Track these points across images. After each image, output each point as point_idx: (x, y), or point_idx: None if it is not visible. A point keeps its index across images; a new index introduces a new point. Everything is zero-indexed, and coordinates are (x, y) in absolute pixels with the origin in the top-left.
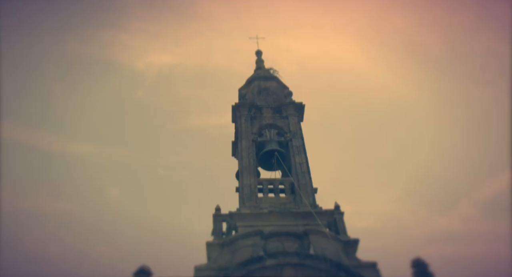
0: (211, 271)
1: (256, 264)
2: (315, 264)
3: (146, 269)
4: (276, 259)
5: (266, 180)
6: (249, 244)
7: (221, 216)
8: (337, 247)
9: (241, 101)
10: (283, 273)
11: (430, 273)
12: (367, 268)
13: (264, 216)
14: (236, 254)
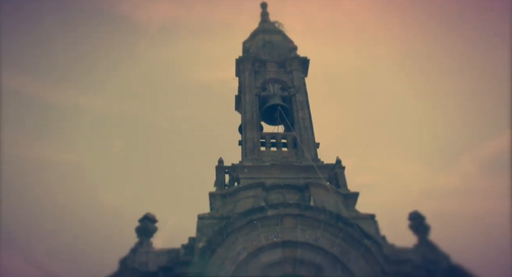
0: (214, 219)
1: (257, 214)
2: (315, 215)
3: (151, 216)
4: (277, 209)
5: (269, 134)
6: (250, 195)
7: (223, 168)
8: (337, 200)
9: (245, 55)
10: (283, 223)
11: (427, 226)
12: (366, 219)
13: (266, 169)
14: (238, 204)
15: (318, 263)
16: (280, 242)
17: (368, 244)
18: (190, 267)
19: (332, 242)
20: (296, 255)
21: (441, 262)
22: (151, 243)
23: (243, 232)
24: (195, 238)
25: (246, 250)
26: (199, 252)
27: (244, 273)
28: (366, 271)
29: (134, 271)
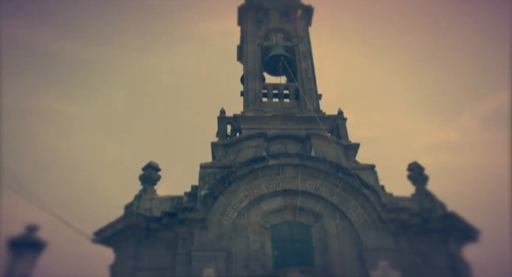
0: (216, 168)
1: (258, 163)
2: (315, 165)
3: (154, 164)
4: (278, 159)
5: (271, 85)
6: (252, 145)
7: (225, 118)
8: (337, 151)
9: (248, 2)
10: (284, 172)
11: (425, 176)
12: (365, 170)
13: (268, 120)
14: (239, 154)
15: (318, 211)
16: (281, 191)
17: (367, 193)
18: (193, 213)
19: (331, 191)
20: (296, 203)
21: (437, 210)
22: (154, 191)
23: (244, 180)
24: (198, 186)
25: (247, 198)
26: (201, 199)
27: (246, 220)
28: (364, 218)
29: (138, 216)
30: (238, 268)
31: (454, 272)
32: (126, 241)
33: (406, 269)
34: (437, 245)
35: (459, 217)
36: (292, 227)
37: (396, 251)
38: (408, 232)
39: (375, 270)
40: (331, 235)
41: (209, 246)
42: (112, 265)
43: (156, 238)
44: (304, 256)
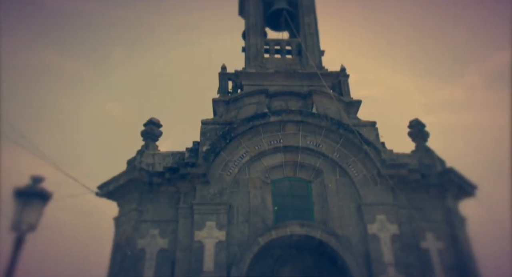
0: (217, 124)
1: (260, 120)
2: (316, 122)
3: (155, 120)
4: (279, 116)
5: (273, 41)
6: (253, 102)
7: (226, 74)
8: (339, 107)
9: None
10: (285, 129)
11: (426, 132)
12: (366, 126)
13: (270, 76)
14: (241, 110)
15: (318, 167)
16: (282, 147)
17: (367, 149)
18: (195, 168)
19: (332, 147)
20: (297, 159)
21: (436, 166)
22: (156, 146)
23: (246, 137)
24: (199, 142)
25: (248, 154)
26: (203, 155)
27: (247, 175)
28: (363, 174)
29: (141, 170)
30: (239, 222)
31: (450, 226)
32: (129, 195)
33: (403, 223)
34: (435, 200)
35: (457, 173)
36: (292, 182)
37: (394, 205)
38: (406, 187)
39: (373, 223)
40: (331, 190)
41: (210, 200)
42: (117, 218)
43: (159, 192)
44: (304, 210)
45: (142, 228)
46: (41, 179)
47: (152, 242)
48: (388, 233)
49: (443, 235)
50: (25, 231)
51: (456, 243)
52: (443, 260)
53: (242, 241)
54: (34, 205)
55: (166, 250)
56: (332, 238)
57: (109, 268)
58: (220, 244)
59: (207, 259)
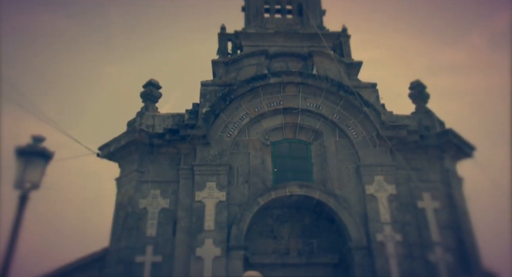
0: (217, 86)
1: (259, 81)
2: (316, 84)
3: (154, 82)
4: (280, 77)
5: (273, 0)
6: (253, 63)
7: (226, 35)
8: (339, 69)
9: None
10: (285, 91)
11: (426, 94)
12: (367, 88)
13: (270, 36)
14: (240, 72)
15: (318, 129)
16: (282, 109)
17: (367, 111)
18: (195, 130)
19: (332, 109)
20: (296, 121)
21: (435, 127)
22: (156, 108)
23: (245, 98)
24: (199, 104)
25: (248, 115)
26: (203, 116)
27: (247, 137)
28: (362, 136)
29: (141, 132)
30: (239, 182)
31: (447, 186)
32: (130, 156)
33: (400, 184)
34: (433, 161)
35: (456, 134)
36: (292, 144)
37: (392, 166)
38: (405, 148)
39: (371, 184)
40: (330, 152)
41: (211, 161)
42: (118, 179)
43: (160, 154)
44: (303, 171)
45: (143, 189)
46: (42, 138)
47: (154, 202)
48: (385, 193)
49: (440, 195)
50: (29, 189)
51: (452, 203)
52: (438, 219)
53: (242, 201)
54: (36, 164)
55: (167, 210)
56: (331, 198)
57: (112, 227)
58: (221, 204)
59: (208, 219)
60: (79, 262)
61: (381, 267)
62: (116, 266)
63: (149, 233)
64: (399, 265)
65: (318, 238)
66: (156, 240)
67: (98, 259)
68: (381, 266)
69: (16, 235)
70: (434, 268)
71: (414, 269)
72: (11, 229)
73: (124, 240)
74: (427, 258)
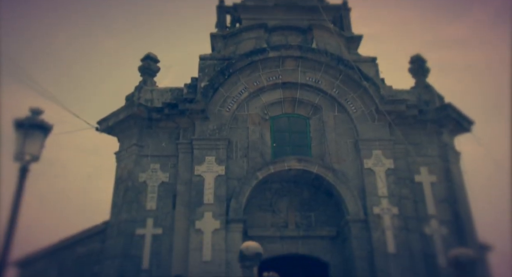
0: (215, 60)
1: (258, 55)
2: (316, 58)
3: (153, 55)
4: (279, 51)
5: None
6: (252, 36)
7: (225, 8)
8: (339, 42)
9: None
10: (284, 65)
11: (426, 68)
12: (367, 62)
13: (269, 9)
14: (239, 45)
15: (317, 104)
16: (281, 83)
17: (366, 85)
18: (193, 104)
19: (331, 83)
20: (295, 96)
21: (434, 102)
22: (155, 82)
23: (244, 73)
24: (198, 78)
25: (247, 90)
26: (202, 91)
27: (245, 111)
28: (361, 110)
29: (140, 106)
30: (238, 157)
31: (444, 160)
32: (129, 131)
33: (398, 158)
34: (431, 135)
35: (454, 108)
36: (290, 119)
37: (390, 141)
38: (403, 123)
39: (369, 158)
40: (329, 126)
41: (210, 135)
42: (117, 153)
43: (159, 128)
44: (302, 146)
45: (143, 163)
46: (40, 111)
47: (153, 176)
48: (383, 168)
49: (437, 169)
50: (29, 161)
51: (449, 176)
52: (435, 192)
53: (241, 175)
54: (35, 137)
55: (167, 184)
56: (329, 173)
57: (112, 200)
58: (220, 178)
59: (207, 192)
60: (81, 235)
61: (378, 239)
62: (117, 238)
63: (149, 207)
64: (395, 237)
65: (316, 212)
66: (156, 213)
67: (99, 232)
68: (378, 238)
69: (17, 207)
70: (429, 240)
71: (410, 241)
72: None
73: (125, 213)
74: (423, 231)
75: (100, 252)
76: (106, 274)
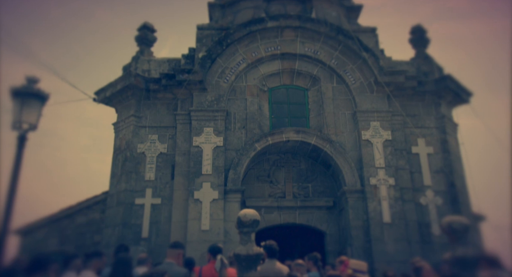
0: (213, 30)
1: (257, 25)
2: (315, 28)
3: (149, 25)
4: (277, 21)
5: None
6: (251, 5)
7: None
8: (339, 12)
9: None
10: (283, 35)
11: (427, 39)
12: (366, 32)
13: None
14: (237, 15)
15: (315, 75)
16: (279, 54)
17: (365, 56)
18: (191, 75)
19: (330, 54)
20: (294, 67)
21: (434, 73)
22: (152, 53)
23: (242, 43)
24: (195, 49)
25: (245, 61)
26: (199, 61)
27: (244, 83)
28: (360, 81)
29: (137, 77)
30: (236, 128)
31: (442, 132)
32: (127, 101)
33: (396, 129)
34: (429, 107)
35: (453, 79)
36: (289, 90)
37: (388, 112)
38: (402, 94)
39: (367, 130)
40: (327, 97)
41: (208, 107)
42: (115, 123)
43: (156, 99)
44: (300, 117)
45: (141, 134)
46: (36, 79)
47: (152, 147)
48: (381, 139)
49: (434, 141)
50: (26, 130)
51: (446, 148)
52: (431, 163)
53: (239, 147)
54: (32, 105)
55: (165, 154)
56: (327, 144)
57: (111, 171)
58: (218, 149)
59: (206, 163)
60: (81, 205)
61: (374, 209)
62: (117, 207)
63: (147, 177)
64: (391, 207)
65: (313, 183)
66: (155, 183)
67: (99, 202)
68: (374, 208)
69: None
70: (424, 210)
71: (405, 211)
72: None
73: (124, 183)
74: (418, 201)
75: (100, 221)
76: (106, 242)
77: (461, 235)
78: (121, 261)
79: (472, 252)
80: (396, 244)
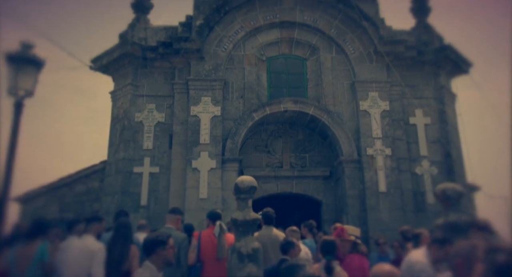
0: None
1: None
2: None
3: None
4: None
5: None
6: None
7: None
8: None
9: None
10: (282, 3)
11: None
12: (367, 1)
13: None
14: None
15: (314, 44)
16: (278, 23)
17: (366, 25)
18: (188, 43)
19: (330, 23)
20: (293, 36)
21: (434, 43)
22: (148, 20)
23: (241, 11)
24: (193, 16)
25: (243, 29)
26: (197, 29)
27: (242, 52)
28: (359, 51)
29: (134, 44)
30: (234, 98)
31: (440, 102)
32: (123, 70)
33: (394, 100)
34: (428, 77)
35: (453, 49)
36: (287, 60)
37: (387, 83)
38: (401, 64)
39: (365, 100)
40: (326, 67)
41: (205, 76)
42: (113, 92)
43: (154, 68)
44: (298, 87)
45: (138, 102)
46: (31, 45)
47: (150, 116)
48: (379, 109)
49: (432, 111)
50: (23, 96)
51: (443, 118)
52: (428, 134)
53: (237, 116)
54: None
55: (163, 124)
56: (325, 114)
57: (109, 140)
58: (216, 118)
59: (203, 132)
60: (80, 174)
61: (370, 179)
62: (116, 176)
63: (146, 146)
64: (387, 177)
65: (310, 153)
66: (153, 152)
67: (98, 171)
68: (370, 178)
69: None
70: (420, 180)
71: (401, 181)
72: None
73: (122, 152)
74: (414, 171)
75: (99, 190)
76: (106, 209)
77: (454, 201)
78: (122, 225)
79: (464, 218)
80: (391, 213)
